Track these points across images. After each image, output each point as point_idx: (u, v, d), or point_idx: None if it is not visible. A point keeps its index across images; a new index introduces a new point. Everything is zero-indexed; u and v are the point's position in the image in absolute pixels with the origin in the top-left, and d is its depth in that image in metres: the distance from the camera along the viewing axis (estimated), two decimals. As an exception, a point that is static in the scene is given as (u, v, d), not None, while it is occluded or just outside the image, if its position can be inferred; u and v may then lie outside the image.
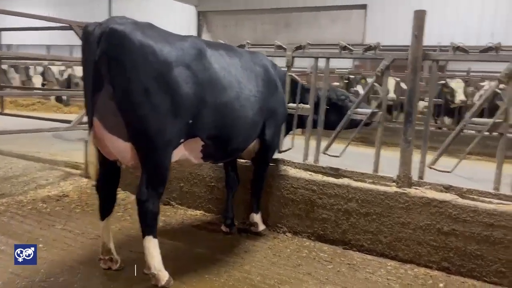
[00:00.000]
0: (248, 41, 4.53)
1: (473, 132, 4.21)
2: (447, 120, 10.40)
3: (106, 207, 3.19)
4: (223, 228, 4.12)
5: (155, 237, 2.98)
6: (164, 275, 2.98)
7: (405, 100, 3.69)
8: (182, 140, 2.98)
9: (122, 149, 2.80)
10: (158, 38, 2.80)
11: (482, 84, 10.10)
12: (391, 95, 10.05)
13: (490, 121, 3.45)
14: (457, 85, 9.27)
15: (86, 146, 5.39)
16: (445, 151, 3.65)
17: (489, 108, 9.53)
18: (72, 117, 6.85)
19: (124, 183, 5.20)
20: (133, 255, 3.56)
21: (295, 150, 4.37)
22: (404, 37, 16.64)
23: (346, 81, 11.15)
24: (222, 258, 3.58)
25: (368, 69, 16.21)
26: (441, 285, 3.34)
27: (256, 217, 4.10)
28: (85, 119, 5.73)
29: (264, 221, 4.21)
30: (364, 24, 17.25)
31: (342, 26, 17.37)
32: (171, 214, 4.65)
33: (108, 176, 3.05)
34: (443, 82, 9.96)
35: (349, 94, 4.66)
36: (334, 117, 4.24)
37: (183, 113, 2.88)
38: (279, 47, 4.34)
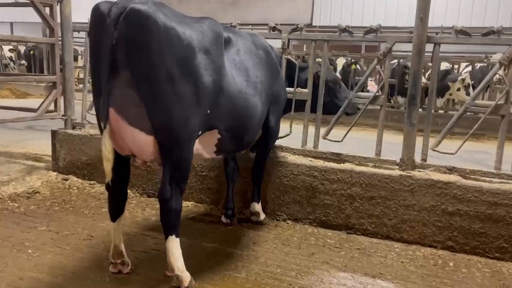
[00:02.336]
0: (238, 22, 4.30)
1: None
2: (400, 99, 10.80)
3: (118, 207, 2.90)
4: (224, 219, 3.96)
5: (177, 236, 2.75)
6: (187, 276, 2.78)
7: (409, 83, 3.69)
8: (199, 133, 2.76)
9: (143, 143, 2.53)
10: (179, 20, 2.54)
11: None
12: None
13: (492, 103, 3.56)
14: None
15: (55, 136, 4.95)
16: (447, 133, 3.72)
17: (438, 88, 10.05)
18: (10, 102, 6.22)
19: (101, 175, 4.87)
20: (136, 254, 3.31)
21: (291, 136, 4.28)
22: (350, 18, 17.04)
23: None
24: (233, 252, 3.43)
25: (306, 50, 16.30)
26: (450, 264, 3.44)
27: (258, 207, 3.97)
28: (52, 107, 5.25)
29: (263, 209, 4.10)
30: (312, 4, 17.35)
31: (291, 6, 17.35)
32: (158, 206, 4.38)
33: (119, 173, 2.76)
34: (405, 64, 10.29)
35: (339, 78, 4.61)
36: (326, 100, 4.19)
37: (203, 102, 2.65)
38: (274, 28, 4.16)
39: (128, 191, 4.69)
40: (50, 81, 4.92)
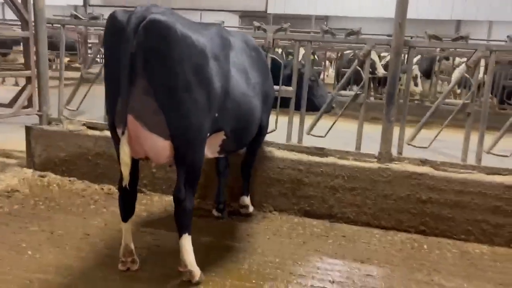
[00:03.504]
0: (223, 20, 4.40)
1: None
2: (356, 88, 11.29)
3: (130, 208, 2.97)
4: (215, 213, 4.12)
5: (190, 234, 2.89)
6: (197, 270, 2.94)
7: (388, 83, 4.01)
8: (208, 135, 2.89)
9: (161, 148, 2.63)
10: (192, 28, 2.64)
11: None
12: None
13: (460, 102, 3.96)
14: (375, 57, 10.01)
15: (29, 133, 4.83)
16: (421, 128, 4.09)
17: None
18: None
19: (81, 171, 4.85)
20: (138, 251, 3.38)
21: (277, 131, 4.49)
22: (305, 7, 17.33)
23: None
24: (231, 245, 3.61)
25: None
26: (425, 246, 3.84)
27: (247, 200, 4.17)
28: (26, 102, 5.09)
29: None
30: (267, -8, 17.45)
31: (246, -6, 17.37)
32: (148, 202, 4.45)
33: (132, 176, 2.83)
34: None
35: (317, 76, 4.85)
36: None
37: (213, 107, 2.79)
38: (259, 28, 4.31)
39: (111, 187, 4.76)
40: (25, 76, 4.75)
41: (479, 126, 3.98)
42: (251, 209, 4.21)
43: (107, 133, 4.75)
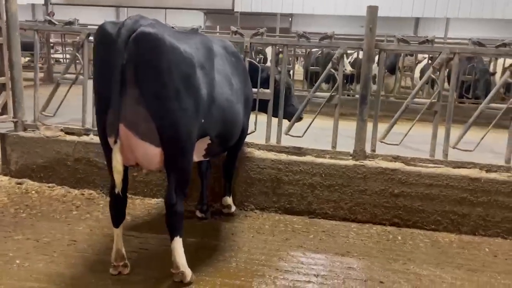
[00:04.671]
0: (200, 25, 4.48)
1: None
2: (324, 86, 11.59)
3: (121, 214, 3.04)
4: (199, 214, 4.22)
5: (181, 237, 3.00)
6: (189, 271, 3.05)
7: (360, 84, 4.22)
8: (195, 140, 3.00)
9: (152, 155, 2.72)
10: (179, 38, 2.73)
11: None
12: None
13: (427, 101, 4.23)
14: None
15: (4, 140, 4.77)
16: (392, 127, 4.34)
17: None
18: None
19: (60, 177, 4.84)
20: (127, 255, 3.46)
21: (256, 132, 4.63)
22: (270, 5, 17.48)
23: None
24: (217, 244, 3.74)
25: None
26: (399, 237, 4.10)
27: (229, 200, 4.30)
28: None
29: (231, 201, 4.43)
30: (234, -9, 17.49)
31: (212, -8, 17.36)
32: (130, 206, 4.48)
33: (123, 183, 2.90)
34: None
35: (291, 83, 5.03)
36: (276, 103, 4.59)
37: (200, 113, 2.90)
38: (235, 32, 4.42)
39: (92, 192, 4.78)
40: (-1, 83, 4.68)
41: (445, 124, 4.25)
42: (233, 208, 4.35)
43: (85, 138, 4.81)
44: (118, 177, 2.68)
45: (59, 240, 3.67)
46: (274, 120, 4.55)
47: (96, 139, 4.75)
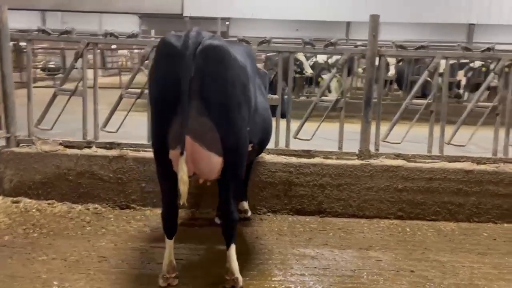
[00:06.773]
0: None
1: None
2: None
3: (175, 225, 3.03)
4: (217, 220, 4.26)
5: (236, 243, 3.06)
6: (241, 277, 3.12)
7: (364, 88, 4.50)
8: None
9: (215, 165, 2.76)
10: (234, 49, 2.81)
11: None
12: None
13: (425, 102, 4.60)
14: (303, 58, 10.65)
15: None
16: (393, 127, 4.66)
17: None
18: None
19: (60, 193, 4.66)
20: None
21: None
22: (221, 9, 17.56)
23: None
24: (247, 248, 3.80)
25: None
26: (407, 229, 4.42)
27: (246, 204, 4.38)
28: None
29: (243, 206, 4.52)
30: (183, -5, 17.33)
31: (161, -4, 17.07)
32: (143, 218, 4.44)
33: (176, 193, 2.91)
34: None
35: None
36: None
37: (249, 121, 2.99)
38: (242, 40, 4.52)
39: (97, 206, 4.65)
40: (-10, 97, 4.41)
41: (440, 122, 4.65)
42: (249, 213, 4.44)
43: (88, 151, 4.65)
44: (184, 188, 2.68)
45: (87, 258, 3.56)
46: (282, 125, 4.70)
47: (100, 152, 4.63)
